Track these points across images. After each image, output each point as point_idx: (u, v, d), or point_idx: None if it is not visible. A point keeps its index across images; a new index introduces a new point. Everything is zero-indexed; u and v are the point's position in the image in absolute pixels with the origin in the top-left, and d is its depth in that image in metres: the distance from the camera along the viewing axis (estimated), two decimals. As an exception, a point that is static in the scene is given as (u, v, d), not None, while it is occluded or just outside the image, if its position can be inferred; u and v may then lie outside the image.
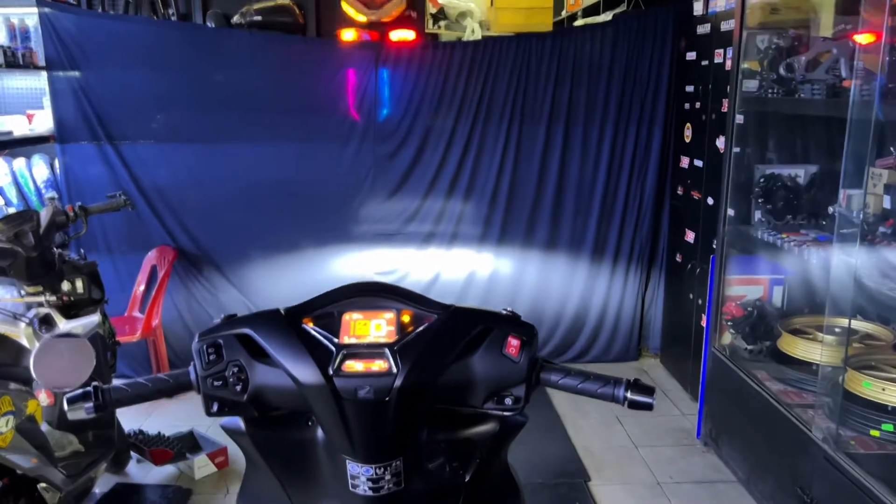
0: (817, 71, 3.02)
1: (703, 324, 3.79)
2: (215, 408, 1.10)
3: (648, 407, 1.08)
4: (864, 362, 2.66)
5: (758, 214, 3.36)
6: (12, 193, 4.21)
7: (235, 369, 1.09)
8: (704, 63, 3.91)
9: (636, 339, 4.71)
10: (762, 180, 3.36)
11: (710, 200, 3.85)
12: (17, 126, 4.18)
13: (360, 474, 1.08)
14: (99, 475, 2.78)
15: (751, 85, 3.29)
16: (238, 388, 1.09)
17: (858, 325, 2.85)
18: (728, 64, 3.57)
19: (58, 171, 4.27)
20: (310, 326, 1.12)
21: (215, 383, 1.09)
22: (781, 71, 3.12)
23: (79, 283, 2.77)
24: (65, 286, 2.73)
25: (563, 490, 3.18)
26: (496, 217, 4.47)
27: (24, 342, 2.60)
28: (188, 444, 3.43)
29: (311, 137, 4.34)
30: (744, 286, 3.50)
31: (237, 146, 4.30)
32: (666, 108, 4.39)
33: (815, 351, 2.92)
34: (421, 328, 1.11)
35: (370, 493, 1.08)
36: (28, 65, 4.16)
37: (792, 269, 3.28)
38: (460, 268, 4.53)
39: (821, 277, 2.92)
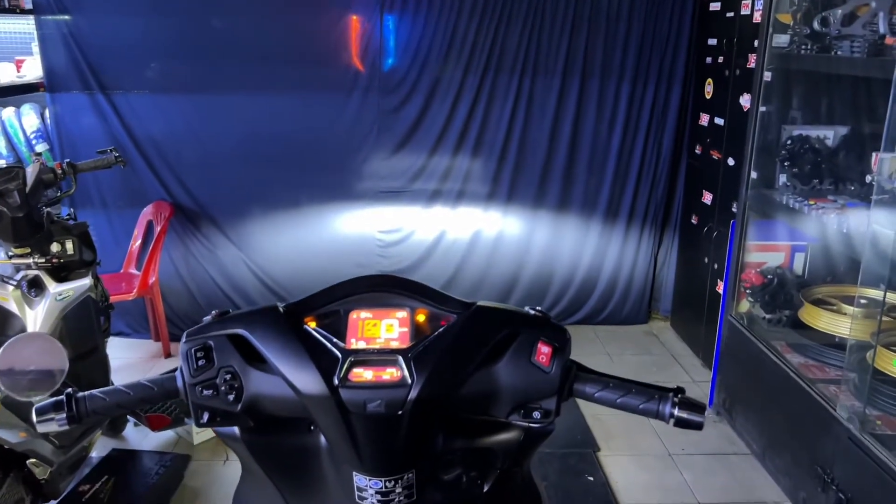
0: (853, 26, 2.82)
1: (719, 289, 3.66)
2: (205, 418, 0.99)
3: (698, 427, 0.95)
4: (894, 337, 2.54)
5: (782, 178, 3.20)
6: (1, 144, 4.04)
7: (227, 376, 0.96)
8: (730, 14, 3.68)
9: (647, 301, 4.59)
10: (788, 142, 3.18)
11: (730, 161, 3.67)
12: (5, 73, 3.98)
13: (367, 487, 0.97)
14: (94, 443, 2.69)
15: (781, 39, 3.08)
16: (231, 397, 0.96)
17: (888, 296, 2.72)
18: (756, 16, 3.36)
19: (48, 121, 4.09)
20: (312, 327, 0.99)
21: (205, 392, 0.97)
22: (815, 25, 2.91)
23: (69, 245, 2.65)
24: (54, 247, 2.61)
25: (572, 461, 3.10)
26: (505, 175, 4.30)
27: (13, 306, 2.49)
28: (186, 407, 3.34)
29: (313, 88, 4.13)
30: (764, 252, 3.36)
31: (235, 97, 4.10)
32: (686, 62, 4.18)
33: (841, 323, 2.80)
34: (439, 331, 0.97)
35: None
36: (14, 8, 3.94)
37: (816, 236, 3.13)
38: (466, 227, 4.38)
39: (848, 246, 2.78)
